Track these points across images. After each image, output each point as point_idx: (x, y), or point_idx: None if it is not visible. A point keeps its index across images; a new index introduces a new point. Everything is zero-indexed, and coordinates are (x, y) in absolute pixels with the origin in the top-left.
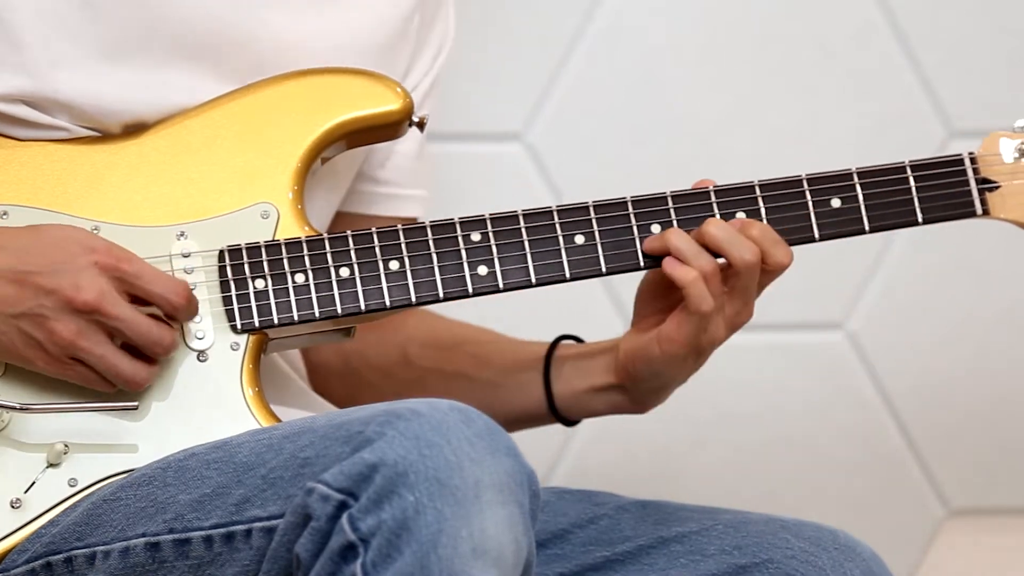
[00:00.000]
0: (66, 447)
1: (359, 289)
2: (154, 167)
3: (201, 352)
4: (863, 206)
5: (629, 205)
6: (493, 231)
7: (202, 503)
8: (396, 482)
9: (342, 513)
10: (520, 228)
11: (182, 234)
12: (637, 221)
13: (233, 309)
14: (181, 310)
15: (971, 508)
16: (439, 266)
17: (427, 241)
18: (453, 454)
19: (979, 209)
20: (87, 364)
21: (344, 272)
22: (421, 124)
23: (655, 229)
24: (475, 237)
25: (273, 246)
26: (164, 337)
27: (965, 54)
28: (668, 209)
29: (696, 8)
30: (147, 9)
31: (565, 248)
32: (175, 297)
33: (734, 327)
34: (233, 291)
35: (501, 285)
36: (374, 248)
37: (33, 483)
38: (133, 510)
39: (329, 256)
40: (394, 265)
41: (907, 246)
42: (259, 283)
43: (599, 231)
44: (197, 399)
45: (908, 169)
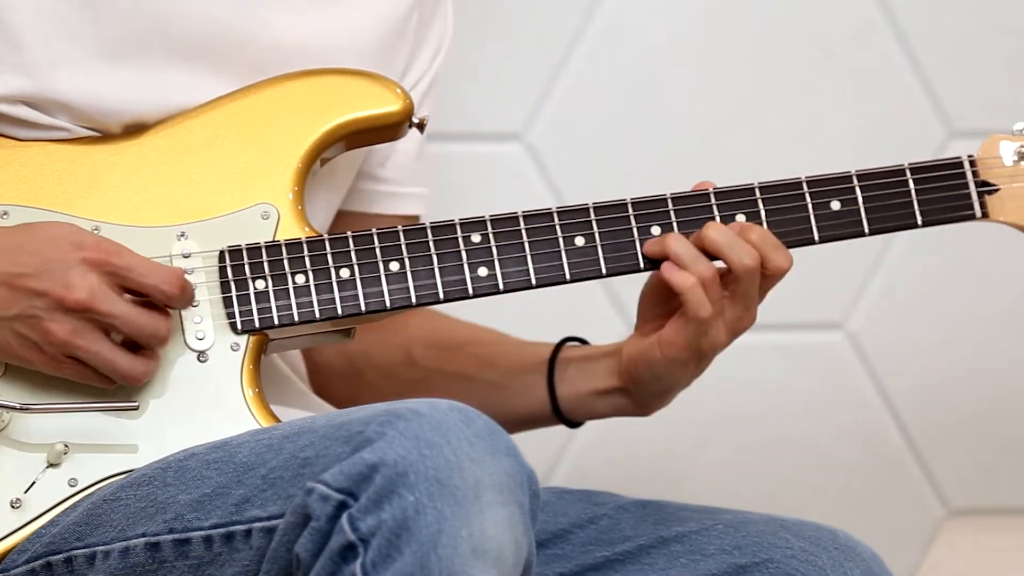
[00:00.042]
0: (66, 447)
1: (359, 290)
2: (154, 167)
3: (201, 352)
4: (863, 209)
5: (629, 207)
6: (493, 232)
7: (202, 503)
8: (396, 482)
9: (342, 513)
10: (520, 229)
11: (182, 234)
12: (637, 223)
13: (233, 309)
14: (175, 299)
15: (971, 508)
16: (439, 267)
17: (427, 242)
18: (453, 454)
19: (978, 212)
20: (84, 362)
21: (344, 273)
22: (421, 125)
23: (655, 231)
24: (475, 238)
25: (273, 247)
26: (160, 328)
27: (965, 54)
28: (668, 211)
29: (696, 8)
30: (147, 9)
31: (565, 250)
32: (168, 287)
33: (736, 332)
34: (233, 291)
35: (501, 286)
36: (374, 249)
37: (33, 483)
38: (133, 510)
39: (329, 257)
40: (394, 266)
41: (907, 246)
42: (260, 283)
43: (599, 233)
44: (197, 399)
45: (907, 172)
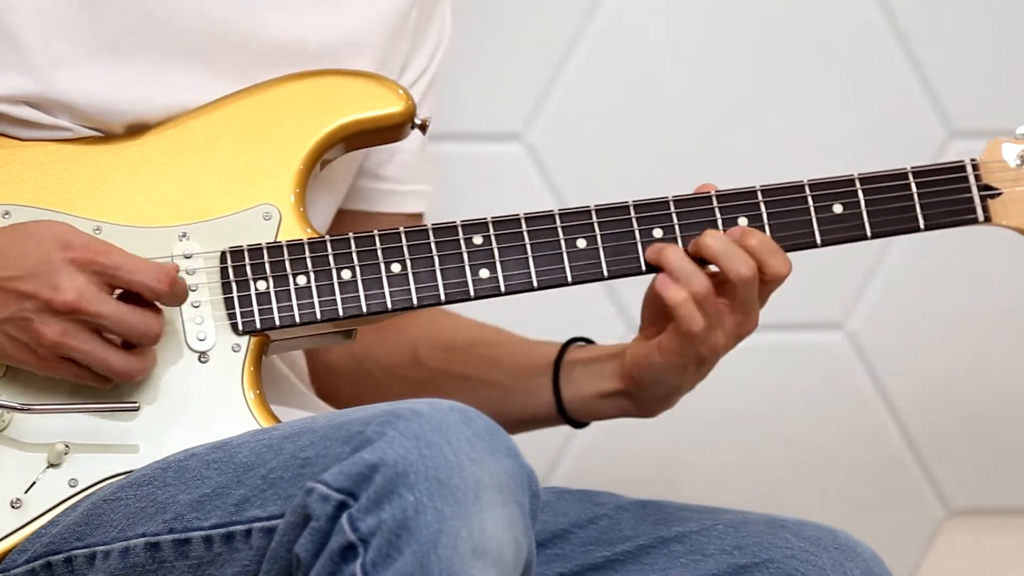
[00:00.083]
0: (67, 447)
1: (361, 291)
2: (156, 168)
3: (202, 353)
4: (865, 212)
5: (631, 209)
6: (495, 234)
7: (202, 503)
8: (396, 482)
9: (342, 513)
10: (522, 231)
11: (184, 235)
12: (639, 225)
13: (235, 310)
14: (165, 295)
15: (971, 508)
16: (441, 268)
17: (429, 244)
18: (453, 454)
19: (981, 216)
20: (78, 362)
21: (346, 274)
22: (423, 126)
23: (657, 233)
24: (477, 240)
25: (275, 247)
26: (151, 326)
27: (965, 54)
28: (670, 213)
29: (696, 8)
30: (146, 9)
31: (567, 252)
32: (156, 283)
33: (737, 337)
34: (235, 292)
35: (503, 288)
36: (376, 250)
37: (34, 483)
38: (133, 510)
39: (331, 258)
40: (396, 267)
41: (907, 247)
42: (261, 284)
43: (601, 235)
44: (198, 400)
45: (910, 175)
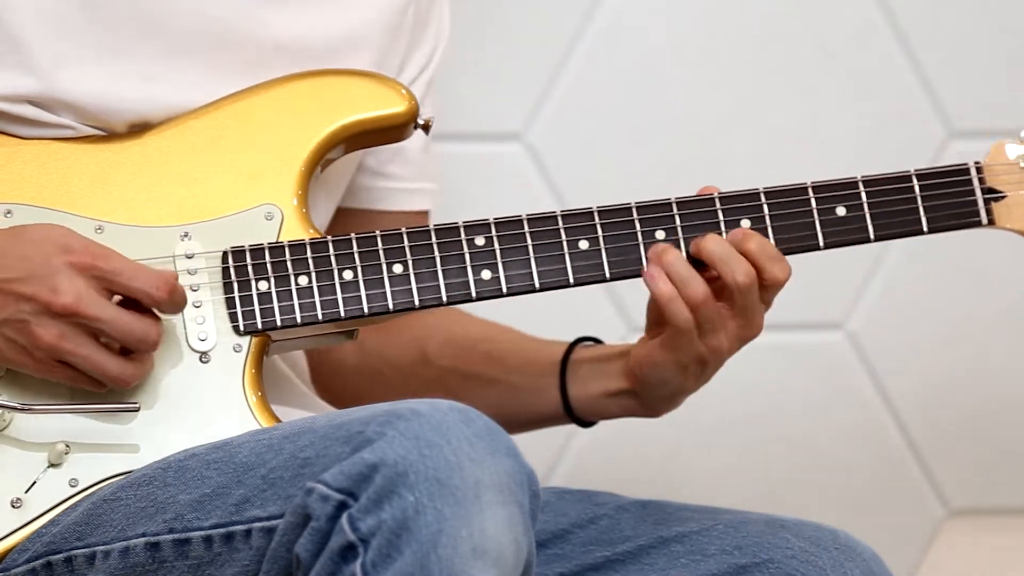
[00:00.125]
0: (67, 447)
1: (362, 292)
2: (159, 167)
3: (203, 354)
4: (868, 215)
5: (633, 211)
6: (497, 235)
7: (202, 503)
8: (396, 482)
9: (342, 513)
10: (524, 233)
11: (186, 235)
12: (642, 227)
13: (236, 310)
14: (164, 303)
15: (971, 508)
16: (443, 269)
17: (431, 244)
18: (453, 454)
19: (984, 219)
20: (73, 366)
21: (348, 274)
22: (427, 126)
23: (659, 235)
24: (479, 241)
25: (277, 248)
26: (149, 333)
27: (965, 54)
28: (673, 215)
29: (696, 8)
30: (145, 9)
31: (569, 253)
32: (156, 291)
33: (741, 340)
34: (236, 292)
35: (504, 289)
36: (378, 251)
37: (34, 483)
38: (133, 510)
39: (333, 258)
40: (398, 268)
41: (907, 247)
42: (262, 285)
43: (603, 236)
44: (199, 400)
45: (914, 178)
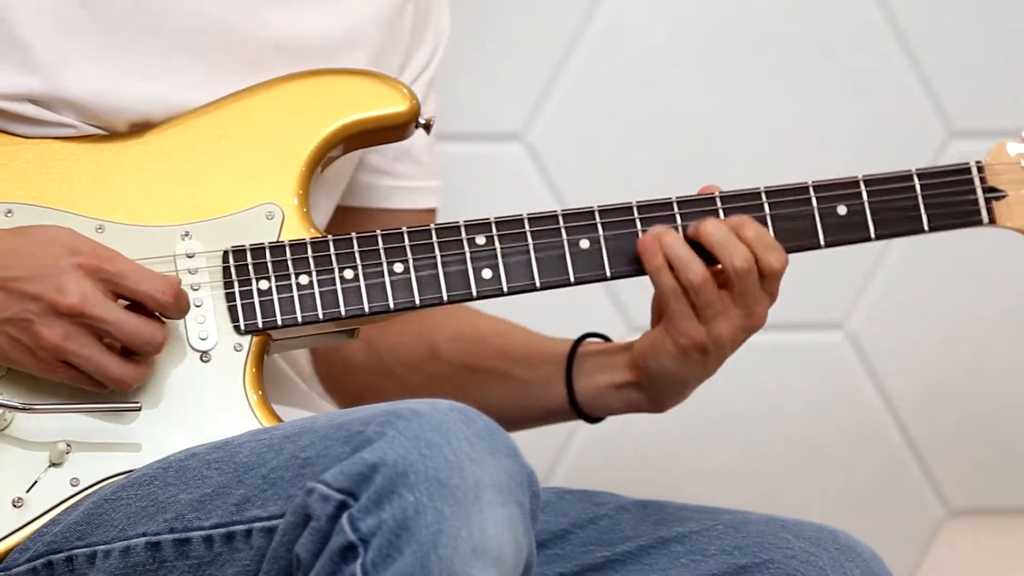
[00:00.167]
0: (68, 447)
1: (363, 291)
2: (159, 166)
3: (204, 353)
4: (869, 214)
5: (635, 210)
6: (498, 234)
7: (203, 503)
8: (396, 482)
9: (342, 513)
10: (525, 232)
11: (187, 234)
12: (642, 226)
13: (237, 310)
14: (169, 307)
15: (971, 508)
16: (443, 269)
17: (432, 244)
18: (453, 454)
19: (985, 218)
20: (76, 366)
21: (348, 274)
22: (428, 126)
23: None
24: (480, 240)
25: (277, 247)
26: (154, 335)
27: (965, 54)
28: (674, 214)
29: (696, 8)
30: (144, 8)
31: (570, 252)
32: (161, 295)
33: (745, 331)
34: (237, 292)
35: (505, 288)
36: (378, 250)
37: (35, 482)
38: (134, 510)
39: (333, 257)
40: (398, 267)
41: (907, 247)
42: (263, 284)
43: (604, 235)
44: (200, 400)
45: (915, 177)
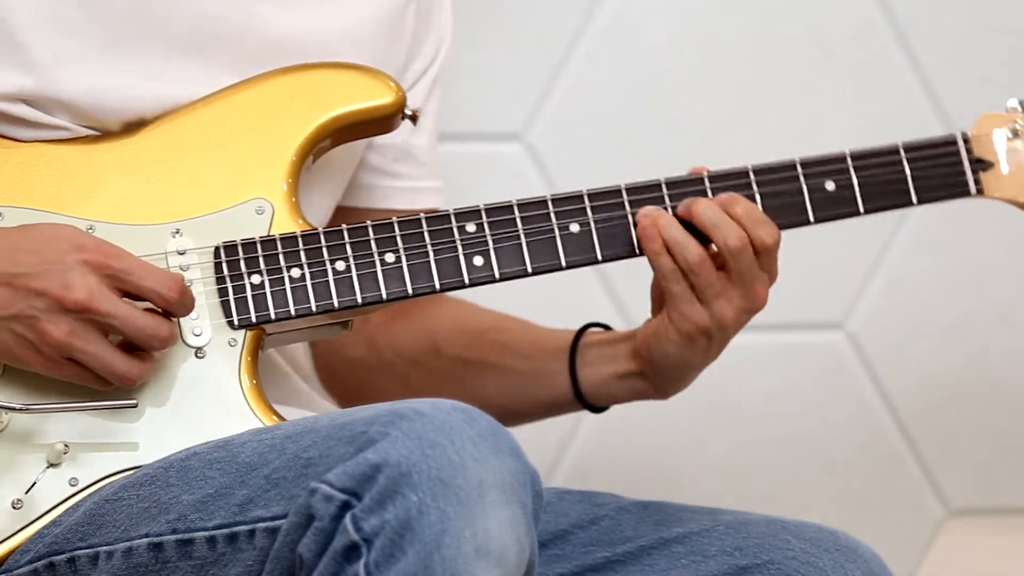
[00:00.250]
0: (66, 447)
1: (355, 282)
2: (148, 166)
3: (199, 349)
4: (857, 188)
5: (623, 192)
6: (488, 221)
7: (205, 503)
8: (399, 482)
9: (345, 513)
10: (515, 218)
11: (177, 231)
12: (632, 208)
13: (230, 305)
14: (175, 304)
15: (971, 508)
16: (435, 257)
17: (422, 233)
18: (456, 454)
19: (973, 189)
20: (81, 363)
21: (340, 265)
22: (414, 117)
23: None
24: (470, 228)
25: (268, 241)
26: (160, 329)
27: (965, 54)
28: (662, 195)
29: (696, 8)
30: (143, 7)
31: (560, 236)
32: (167, 291)
33: (746, 312)
34: (229, 287)
35: (497, 275)
36: (369, 241)
37: (34, 483)
38: (136, 510)
39: (324, 250)
40: (390, 257)
41: (907, 246)
42: (255, 278)
43: (594, 219)
44: (196, 396)
45: (902, 150)
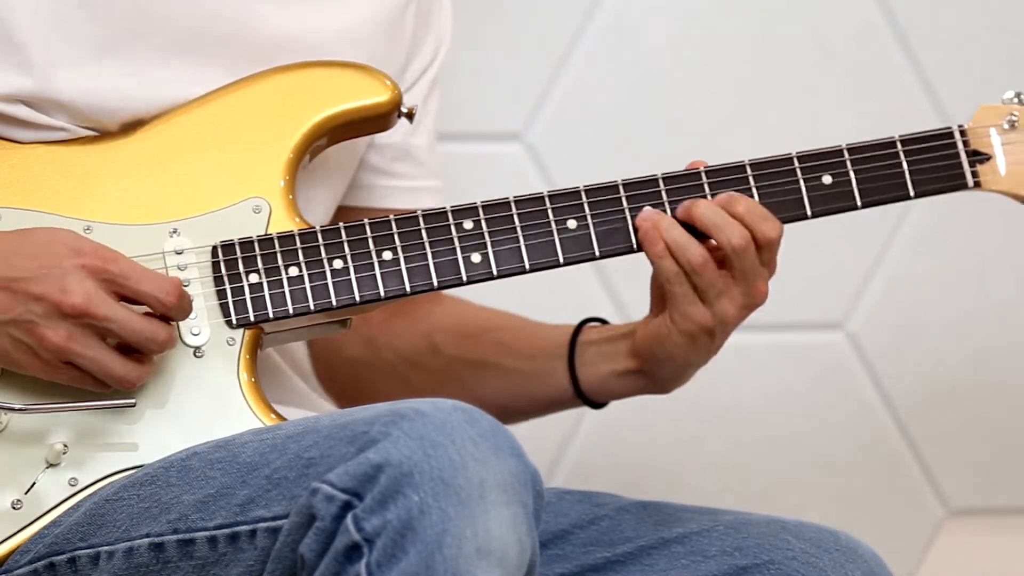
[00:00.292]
0: (65, 447)
1: (353, 280)
2: (146, 165)
3: (197, 348)
4: (854, 182)
5: (620, 188)
6: (485, 218)
7: (206, 503)
8: (401, 482)
9: (347, 513)
10: (512, 215)
11: (175, 231)
12: (629, 204)
13: (228, 304)
14: (172, 308)
15: (971, 508)
16: (432, 255)
17: (420, 230)
18: (457, 454)
19: (970, 181)
20: (80, 367)
21: (338, 263)
22: (410, 115)
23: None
24: (467, 225)
25: (266, 240)
26: (159, 332)
27: (965, 54)
28: (660, 191)
29: (696, 8)
30: (142, 7)
31: (558, 232)
32: (165, 296)
33: (747, 308)
34: (227, 286)
35: (495, 272)
36: (367, 239)
37: (33, 484)
38: (137, 510)
39: (322, 248)
40: (387, 255)
41: (907, 246)
42: (253, 277)
43: (591, 215)
44: (194, 395)
45: (898, 144)
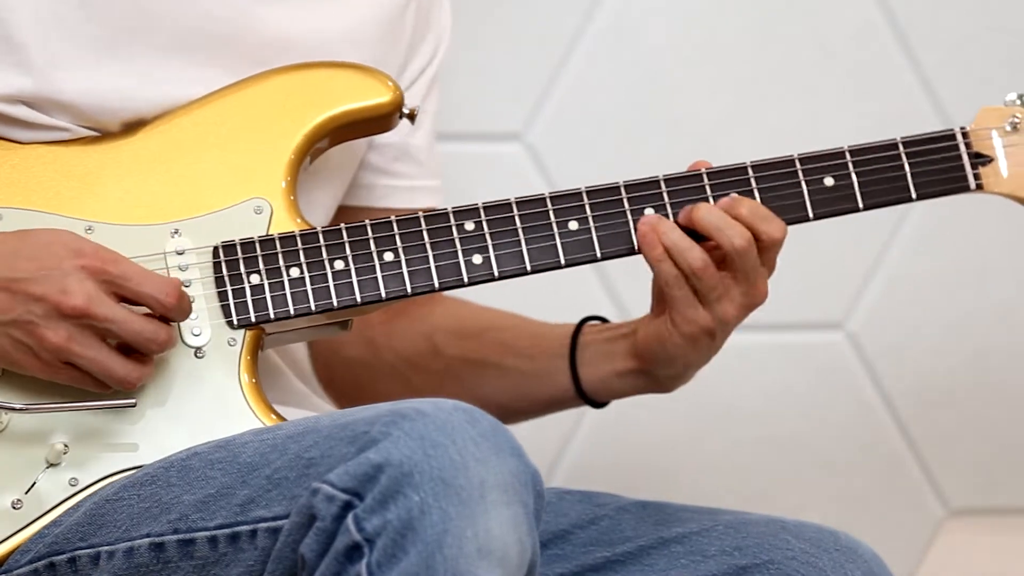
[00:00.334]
0: (66, 447)
1: (354, 281)
2: (147, 166)
3: (198, 349)
4: (856, 184)
5: (622, 189)
6: (487, 220)
7: (207, 503)
8: (401, 482)
9: (347, 513)
10: (514, 216)
11: (176, 232)
12: (630, 205)
13: (229, 305)
14: (172, 309)
15: (971, 508)
16: (434, 255)
17: (421, 231)
18: (458, 454)
19: (972, 184)
20: (80, 367)
21: (339, 264)
22: (412, 116)
23: (648, 212)
24: (469, 226)
25: (267, 241)
26: (159, 333)
27: (965, 54)
28: (661, 192)
29: (696, 8)
30: (142, 7)
31: (559, 234)
32: (165, 297)
33: (747, 308)
34: (228, 287)
35: (496, 273)
36: (368, 240)
37: (34, 483)
38: (137, 510)
39: (323, 249)
40: (389, 256)
41: (907, 246)
42: (254, 278)
43: (592, 216)
44: (195, 396)
45: (900, 146)
